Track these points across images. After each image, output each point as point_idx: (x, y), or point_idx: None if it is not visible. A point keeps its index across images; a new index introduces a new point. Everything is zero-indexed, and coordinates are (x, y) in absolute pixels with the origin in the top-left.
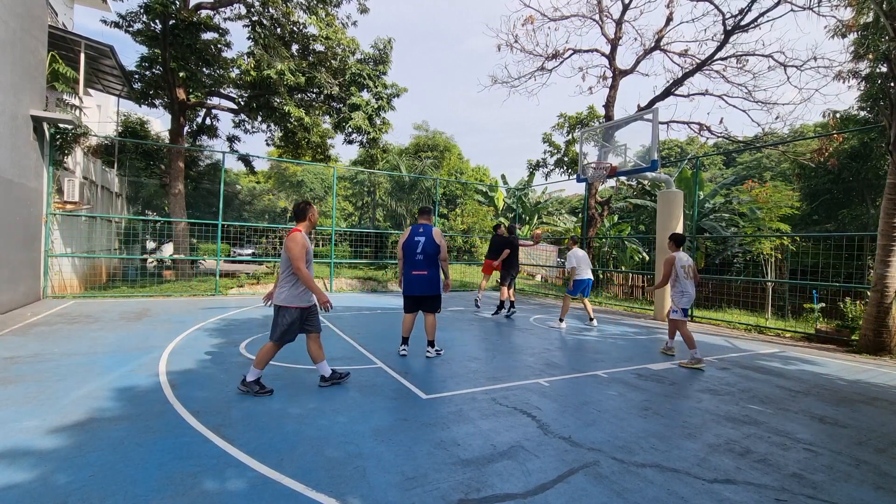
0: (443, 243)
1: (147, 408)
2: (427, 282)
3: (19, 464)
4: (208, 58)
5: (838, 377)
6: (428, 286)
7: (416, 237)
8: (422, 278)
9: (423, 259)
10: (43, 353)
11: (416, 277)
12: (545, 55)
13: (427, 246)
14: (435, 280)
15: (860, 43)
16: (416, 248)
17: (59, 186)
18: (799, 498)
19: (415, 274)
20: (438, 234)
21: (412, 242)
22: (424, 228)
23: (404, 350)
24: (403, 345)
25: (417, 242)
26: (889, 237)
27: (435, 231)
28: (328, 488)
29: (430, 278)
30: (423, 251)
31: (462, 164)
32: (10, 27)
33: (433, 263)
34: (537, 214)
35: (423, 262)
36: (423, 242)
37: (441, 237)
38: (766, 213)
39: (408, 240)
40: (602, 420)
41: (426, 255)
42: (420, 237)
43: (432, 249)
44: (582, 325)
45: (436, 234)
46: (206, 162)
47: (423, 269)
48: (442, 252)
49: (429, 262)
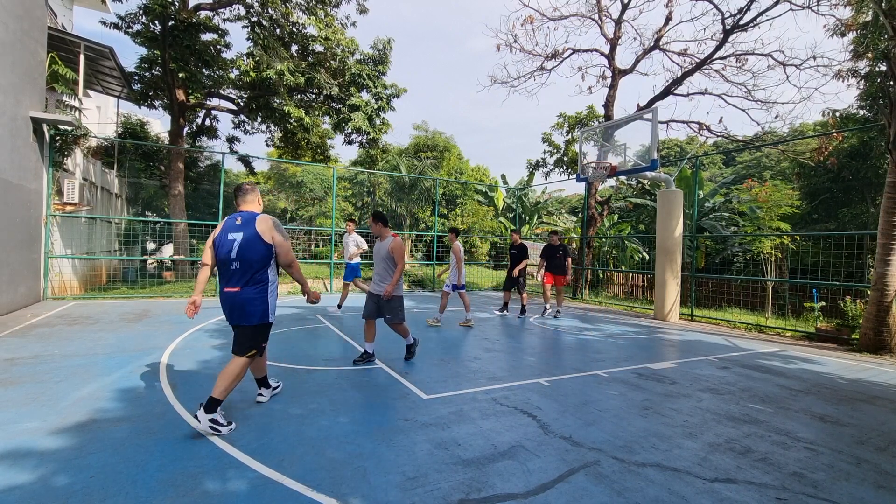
0: (398, 250)
1: (148, 409)
2: (239, 306)
3: (20, 465)
4: (208, 59)
5: (839, 376)
6: (232, 311)
7: (230, 233)
8: (230, 298)
9: (238, 269)
10: (43, 355)
11: (225, 296)
12: (544, 55)
13: (246, 248)
14: (253, 303)
15: (859, 42)
16: (230, 249)
17: (58, 188)
18: (800, 497)
19: (226, 292)
20: (400, 245)
21: (224, 241)
22: (244, 219)
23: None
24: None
25: (232, 242)
26: (889, 236)
27: (395, 244)
28: (329, 489)
29: (247, 301)
30: (240, 256)
31: (462, 164)
32: (10, 29)
33: (255, 278)
34: (537, 214)
35: (239, 274)
36: (241, 242)
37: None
38: (766, 212)
39: (219, 236)
40: (603, 419)
41: (243, 262)
42: (236, 232)
43: (255, 254)
44: (582, 325)
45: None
46: (206, 163)
47: (237, 283)
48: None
49: (245, 275)
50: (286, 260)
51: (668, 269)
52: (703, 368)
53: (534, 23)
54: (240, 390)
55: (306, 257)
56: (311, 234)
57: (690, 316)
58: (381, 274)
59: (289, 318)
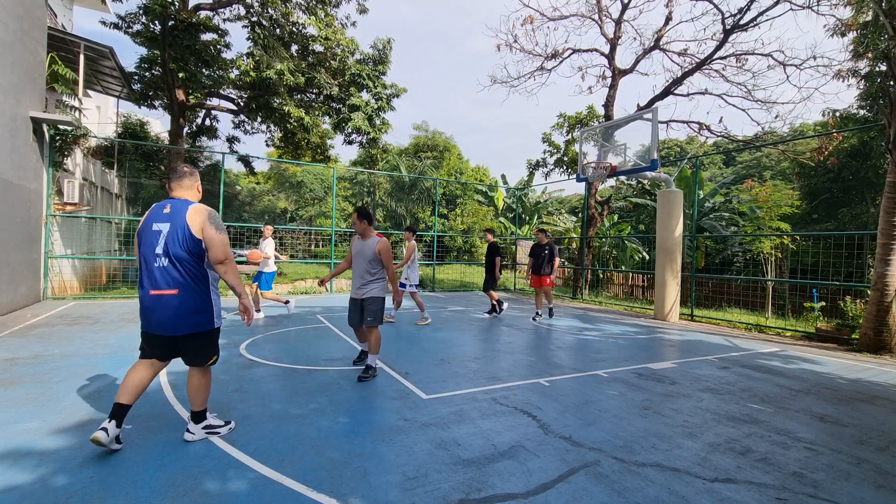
0: (387, 252)
1: (148, 409)
2: (173, 311)
3: (20, 465)
4: (208, 59)
5: (839, 376)
6: (174, 318)
7: (155, 223)
8: (163, 303)
9: (166, 266)
10: (43, 355)
11: (153, 301)
12: (544, 55)
13: (173, 242)
14: (191, 307)
15: (859, 42)
16: (155, 242)
17: (58, 188)
18: (800, 497)
19: (152, 294)
20: (388, 247)
21: (148, 232)
22: (174, 207)
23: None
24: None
25: (157, 234)
26: (889, 236)
27: (383, 246)
28: (329, 489)
29: (181, 303)
30: (167, 251)
31: (462, 164)
32: (10, 28)
33: (189, 277)
34: (537, 214)
35: (167, 273)
36: (168, 234)
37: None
38: (766, 212)
39: (142, 227)
40: (603, 419)
41: (173, 258)
42: (163, 223)
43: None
44: (582, 325)
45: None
46: (206, 163)
47: (167, 285)
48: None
49: (175, 274)
50: (218, 257)
51: (668, 269)
52: (703, 368)
53: (534, 23)
54: (240, 390)
55: (306, 257)
56: (311, 234)
57: (690, 316)
58: (363, 276)
59: (288, 319)
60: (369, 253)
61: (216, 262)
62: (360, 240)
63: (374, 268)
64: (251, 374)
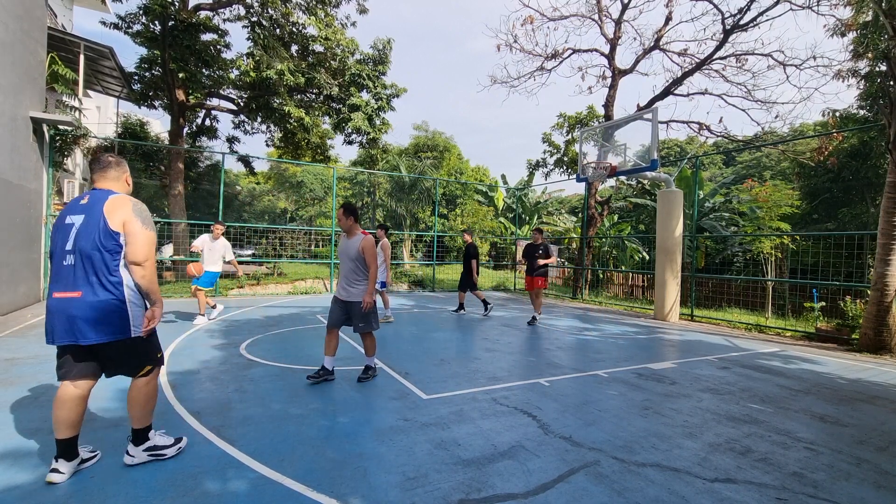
0: (370, 250)
1: None
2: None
3: (20, 465)
4: (208, 59)
5: (839, 376)
6: (74, 324)
7: (69, 215)
8: (65, 307)
9: (73, 264)
10: (43, 355)
11: (55, 305)
12: (544, 55)
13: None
14: (96, 312)
15: (859, 42)
16: (66, 237)
17: (58, 188)
18: (800, 497)
19: (55, 297)
20: (372, 245)
21: (61, 226)
22: (93, 198)
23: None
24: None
25: (69, 228)
26: (889, 236)
27: (367, 244)
28: (329, 489)
29: (86, 308)
30: (76, 247)
31: (462, 164)
32: (10, 29)
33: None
34: (537, 214)
35: (73, 272)
36: (80, 227)
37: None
38: (766, 212)
39: (57, 219)
40: (603, 420)
41: (81, 255)
42: (77, 215)
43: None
44: (582, 325)
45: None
46: (206, 163)
47: (72, 286)
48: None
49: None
50: (138, 256)
51: (668, 269)
52: (703, 368)
53: (534, 23)
54: (240, 390)
55: (306, 257)
56: (311, 234)
57: (690, 316)
58: (349, 276)
59: (288, 319)
60: (353, 252)
61: (133, 262)
62: (345, 238)
63: (361, 268)
64: (251, 374)
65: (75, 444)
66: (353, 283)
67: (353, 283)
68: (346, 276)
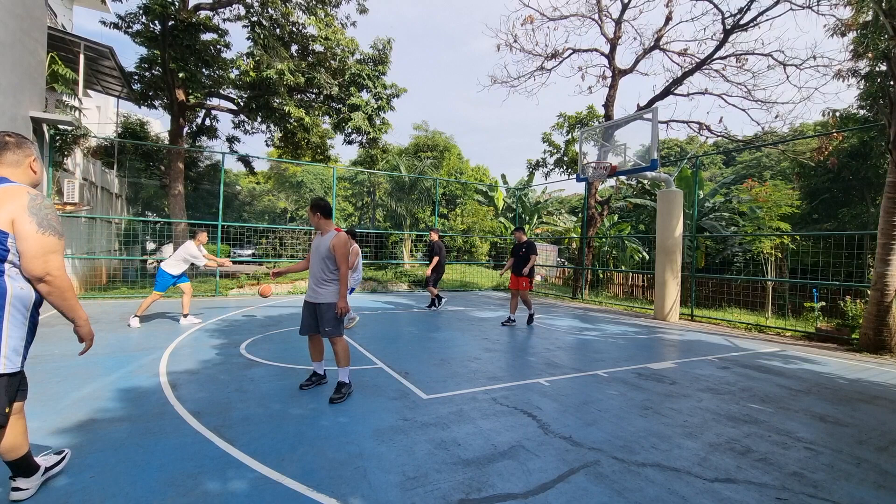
0: (341, 248)
1: (148, 409)
2: None
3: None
4: (208, 58)
5: (839, 376)
6: None
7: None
8: None
9: None
10: (43, 355)
11: None
12: (544, 55)
13: None
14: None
15: (859, 41)
16: None
17: (58, 188)
18: (800, 497)
19: None
20: (344, 243)
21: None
22: None
23: None
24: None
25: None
26: (889, 236)
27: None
28: (329, 489)
29: None
30: None
31: (462, 164)
32: (10, 28)
33: None
34: (537, 214)
35: None
36: None
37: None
38: (766, 212)
39: None
40: (603, 419)
41: None
42: None
43: None
44: (582, 325)
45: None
46: (206, 163)
47: None
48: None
49: None
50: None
51: (668, 269)
52: (703, 368)
53: (534, 23)
54: (240, 390)
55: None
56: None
57: (690, 316)
58: (318, 276)
59: (288, 319)
60: (324, 250)
61: (33, 274)
62: (319, 236)
63: (331, 267)
64: (251, 374)
65: (27, 461)
66: (321, 283)
67: (320, 283)
68: (314, 275)
